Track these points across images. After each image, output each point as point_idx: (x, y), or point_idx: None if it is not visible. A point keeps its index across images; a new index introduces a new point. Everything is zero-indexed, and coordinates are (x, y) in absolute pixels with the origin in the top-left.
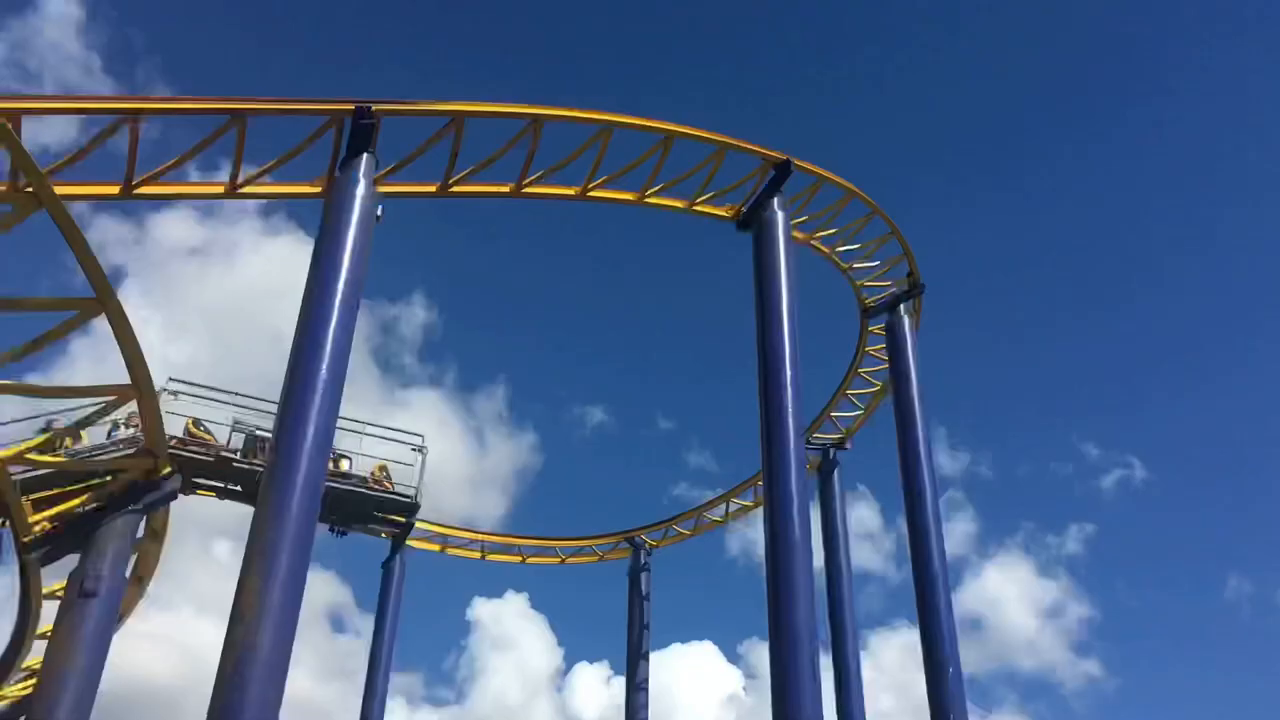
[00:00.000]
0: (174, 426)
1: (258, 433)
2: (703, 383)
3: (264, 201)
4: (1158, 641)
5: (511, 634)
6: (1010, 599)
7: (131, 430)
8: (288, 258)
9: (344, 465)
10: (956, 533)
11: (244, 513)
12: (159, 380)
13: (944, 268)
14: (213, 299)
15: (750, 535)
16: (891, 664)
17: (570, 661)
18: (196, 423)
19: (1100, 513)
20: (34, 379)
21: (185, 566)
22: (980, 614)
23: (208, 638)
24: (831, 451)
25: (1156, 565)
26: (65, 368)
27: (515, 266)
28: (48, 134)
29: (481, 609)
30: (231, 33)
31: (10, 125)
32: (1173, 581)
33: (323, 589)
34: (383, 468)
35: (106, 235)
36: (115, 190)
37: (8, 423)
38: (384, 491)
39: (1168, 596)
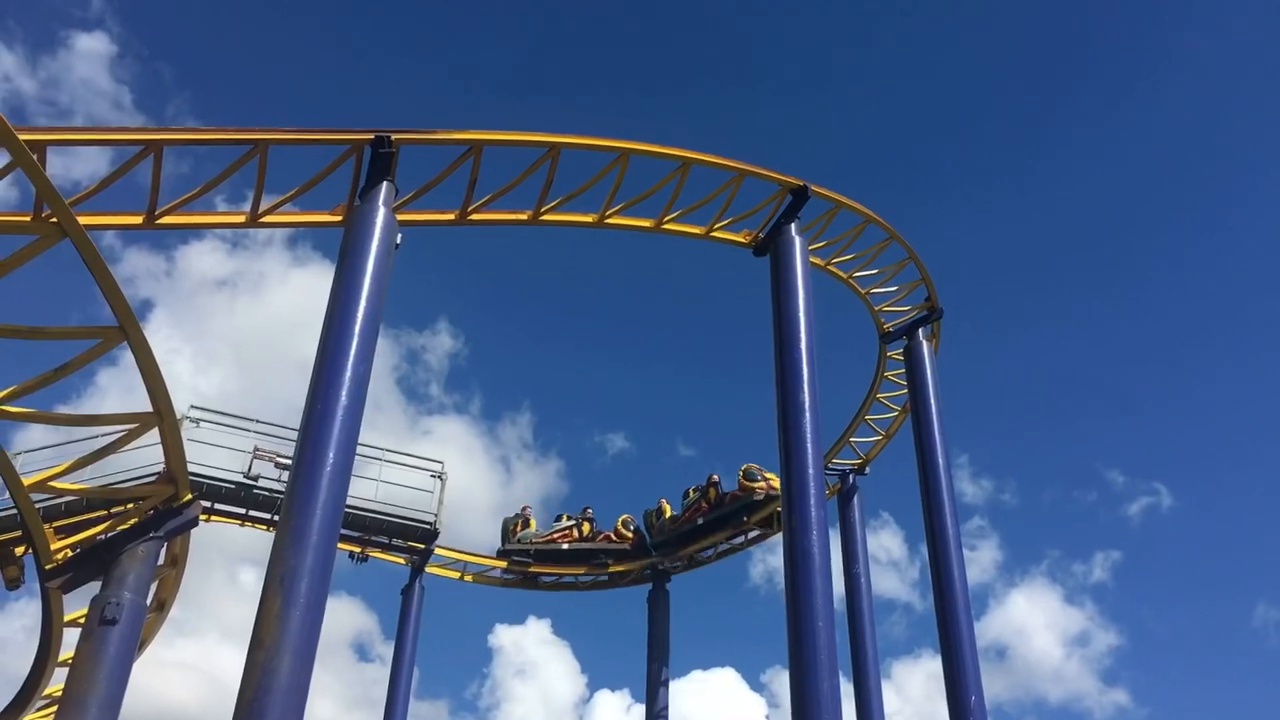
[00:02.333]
0: (194, 453)
1: None
2: (723, 408)
3: (290, 233)
4: (1186, 669)
5: (534, 661)
6: (1036, 627)
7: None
8: (313, 287)
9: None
10: (982, 560)
11: (269, 540)
12: (180, 408)
13: (965, 293)
14: (241, 329)
15: (774, 562)
16: (916, 693)
17: (593, 688)
18: (626, 524)
19: (1126, 540)
20: (62, 409)
21: (211, 593)
22: (1006, 642)
23: (232, 664)
24: (851, 477)
25: (1184, 593)
26: (94, 397)
27: (539, 293)
28: (80, 169)
29: (504, 635)
30: (261, 66)
31: (35, 156)
32: (1200, 609)
33: (348, 616)
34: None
35: (136, 268)
36: (139, 220)
37: (31, 450)
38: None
39: (1195, 624)
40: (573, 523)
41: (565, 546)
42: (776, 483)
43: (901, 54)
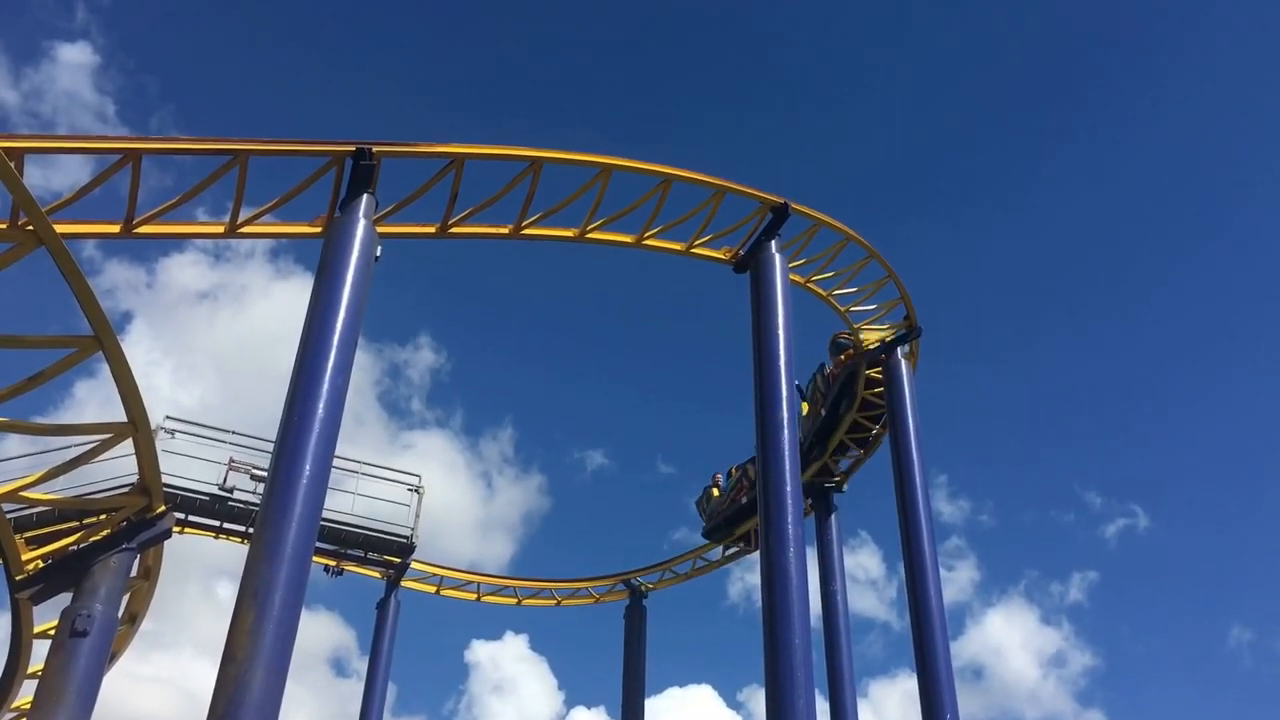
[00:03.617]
0: (169, 464)
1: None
2: (702, 425)
3: (272, 246)
4: (1161, 690)
5: (511, 677)
6: (1013, 647)
7: None
8: (295, 300)
9: None
10: (959, 580)
11: (245, 553)
12: (156, 419)
13: (944, 313)
14: (222, 342)
15: (751, 580)
16: (892, 712)
17: (570, 705)
18: None
19: (1103, 561)
20: (39, 420)
21: (186, 606)
22: (983, 662)
23: (206, 678)
24: (829, 495)
25: (1160, 614)
26: (71, 409)
27: (521, 308)
28: (60, 180)
29: (480, 651)
30: (246, 79)
31: (12, 163)
32: (1176, 630)
33: (325, 631)
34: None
35: (117, 280)
36: (116, 229)
37: (4, 460)
38: None
39: (1171, 645)
40: (741, 473)
41: (745, 500)
42: (871, 337)
43: (884, 73)
